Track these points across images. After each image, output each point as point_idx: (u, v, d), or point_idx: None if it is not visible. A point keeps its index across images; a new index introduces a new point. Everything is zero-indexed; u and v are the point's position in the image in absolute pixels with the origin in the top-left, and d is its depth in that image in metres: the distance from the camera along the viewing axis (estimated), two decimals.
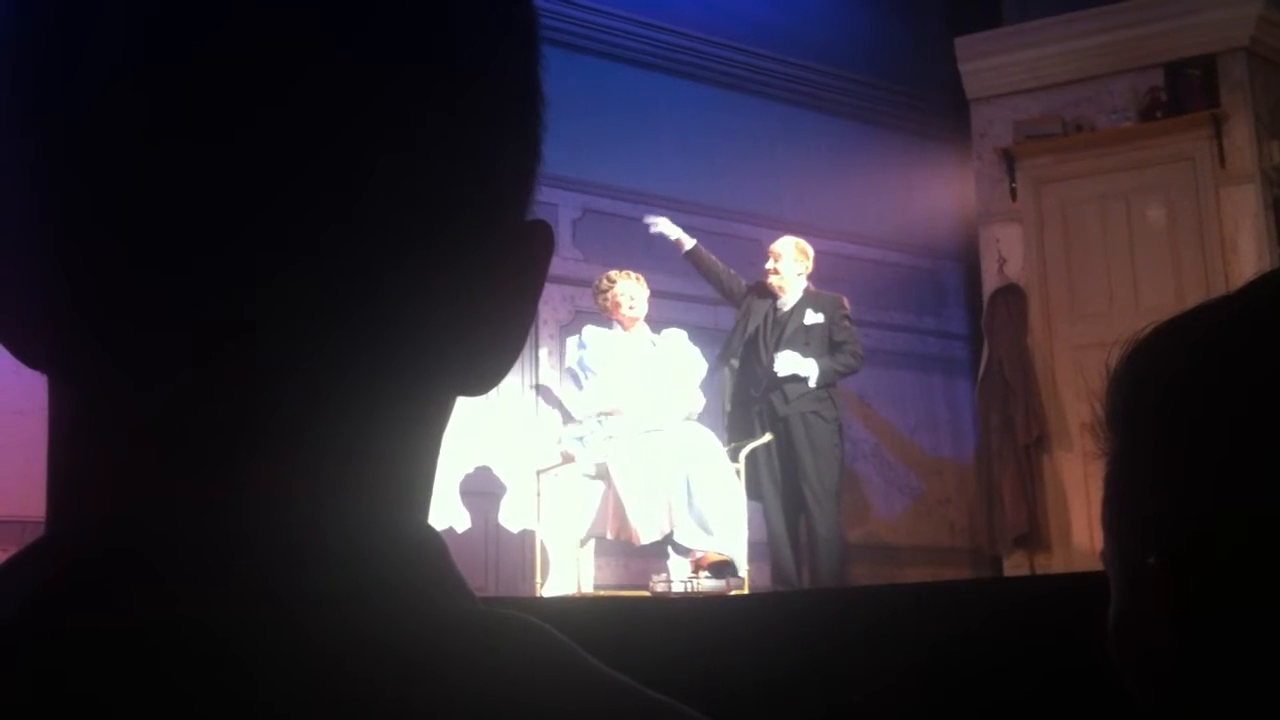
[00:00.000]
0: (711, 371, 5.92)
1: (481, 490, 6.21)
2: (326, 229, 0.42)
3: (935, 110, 8.00)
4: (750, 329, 5.95)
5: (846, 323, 5.96)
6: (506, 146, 0.47)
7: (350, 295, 0.42)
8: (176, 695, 0.38)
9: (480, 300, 0.46)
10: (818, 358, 5.78)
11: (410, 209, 0.43)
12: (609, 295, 5.79)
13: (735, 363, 5.97)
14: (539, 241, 0.49)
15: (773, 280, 5.94)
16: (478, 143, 0.45)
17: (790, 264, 5.92)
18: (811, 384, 5.76)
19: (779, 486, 5.82)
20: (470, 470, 6.13)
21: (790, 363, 5.75)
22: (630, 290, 5.77)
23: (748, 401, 5.91)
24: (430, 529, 0.46)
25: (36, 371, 0.45)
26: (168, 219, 0.41)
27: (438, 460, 0.48)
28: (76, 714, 0.37)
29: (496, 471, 6.25)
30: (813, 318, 5.87)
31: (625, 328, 5.79)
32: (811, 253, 6.01)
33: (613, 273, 5.84)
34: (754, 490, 5.76)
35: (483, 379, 0.48)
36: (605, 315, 5.85)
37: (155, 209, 0.41)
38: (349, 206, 0.42)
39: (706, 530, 5.33)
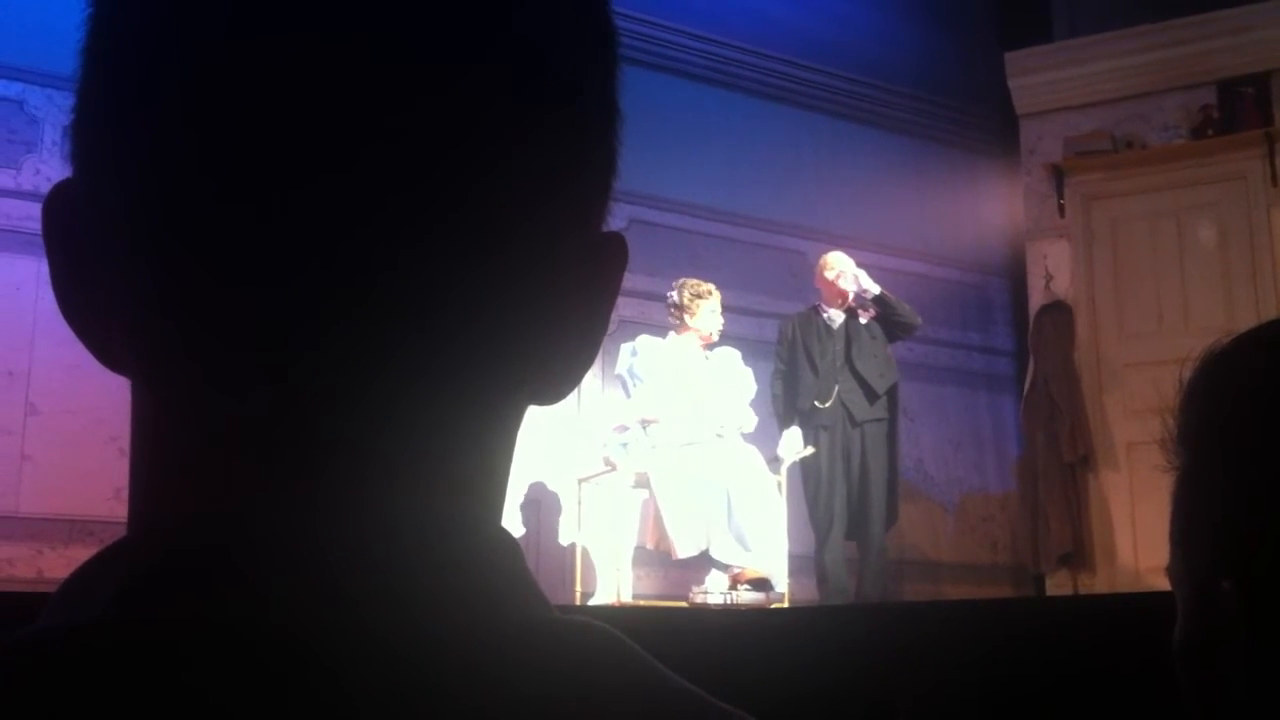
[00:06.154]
0: (765, 385, 5.84)
1: (522, 497, 6.20)
2: (411, 243, 0.42)
3: (984, 125, 7.96)
4: (815, 349, 5.87)
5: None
6: (588, 161, 0.47)
7: (430, 304, 0.43)
8: (255, 694, 0.38)
9: (555, 310, 0.47)
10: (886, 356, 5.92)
11: (494, 221, 0.44)
12: (695, 306, 5.61)
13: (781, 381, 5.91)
14: (614, 253, 0.49)
15: (850, 294, 5.88)
16: (562, 158, 0.46)
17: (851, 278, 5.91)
18: (875, 290, 5.86)
19: (848, 495, 5.80)
20: (511, 477, 6.11)
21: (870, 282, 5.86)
22: (719, 315, 5.66)
23: (811, 412, 5.83)
24: (505, 534, 0.46)
25: (119, 375, 0.46)
26: (248, 236, 0.42)
27: (510, 467, 0.48)
28: (167, 711, 0.38)
29: (538, 478, 6.24)
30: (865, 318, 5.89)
31: (685, 339, 5.67)
32: None
33: (715, 288, 5.67)
34: (820, 499, 5.73)
35: (555, 387, 0.49)
36: (676, 314, 5.68)
37: (237, 227, 0.42)
38: (434, 221, 0.43)
39: (745, 546, 5.28)
